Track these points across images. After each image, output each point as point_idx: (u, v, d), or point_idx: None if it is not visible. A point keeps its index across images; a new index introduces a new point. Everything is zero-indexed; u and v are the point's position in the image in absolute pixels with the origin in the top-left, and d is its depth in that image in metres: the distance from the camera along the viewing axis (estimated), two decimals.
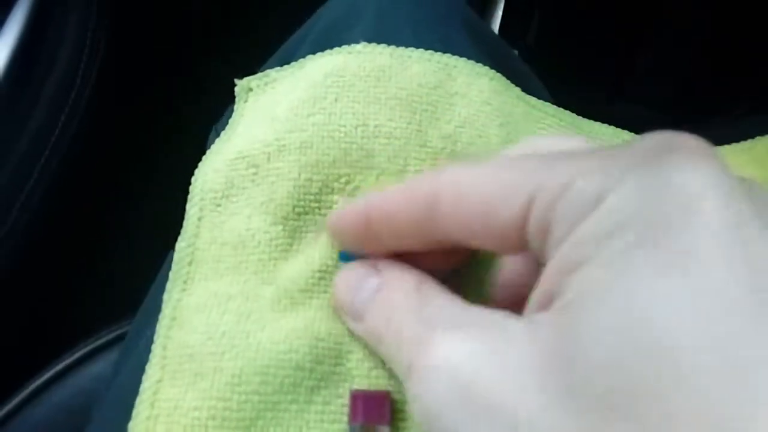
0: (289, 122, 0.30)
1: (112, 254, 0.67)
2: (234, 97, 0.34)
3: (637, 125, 0.36)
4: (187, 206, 0.31)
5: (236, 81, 0.33)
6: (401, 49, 0.32)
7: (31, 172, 0.55)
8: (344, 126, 0.30)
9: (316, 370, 0.25)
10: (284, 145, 0.30)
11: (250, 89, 0.34)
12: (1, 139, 0.53)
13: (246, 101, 0.33)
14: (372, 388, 0.25)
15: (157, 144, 0.72)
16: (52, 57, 0.56)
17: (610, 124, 0.36)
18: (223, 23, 0.87)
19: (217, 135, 0.33)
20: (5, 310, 0.55)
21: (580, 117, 0.35)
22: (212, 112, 0.38)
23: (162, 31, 0.77)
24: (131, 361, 0.30)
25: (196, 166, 0.32)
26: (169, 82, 0.77)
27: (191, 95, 0.73)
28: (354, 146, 0.30)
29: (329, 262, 0.28)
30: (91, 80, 0.59)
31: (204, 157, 0.32)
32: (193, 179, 0.31)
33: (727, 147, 0.36)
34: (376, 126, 0.30)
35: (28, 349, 0.51)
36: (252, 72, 0.35)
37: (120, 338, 0.48)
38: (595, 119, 0.36)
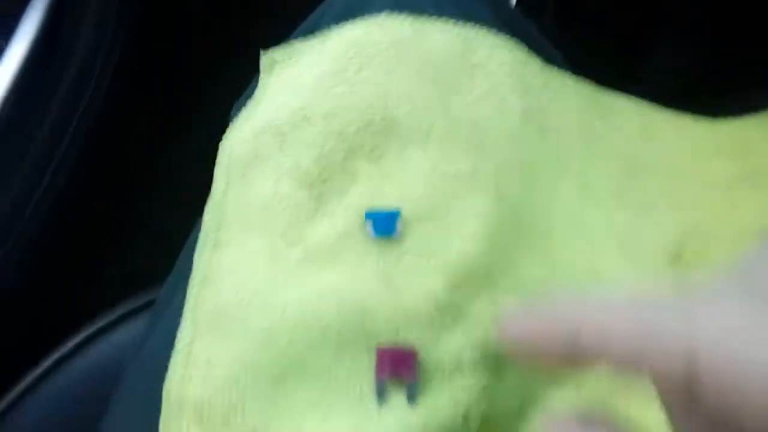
0: (313, 94, 0.31)
1: (132, 238, 0.68)
2: (250, 81, 0.34)
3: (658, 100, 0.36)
4: (215, 173, 0.31)
5: (261, 53, 0.34)
6: (422, 19, 0.32)
7: (51, 158, 0.56)
8: (367, 96, 0.30)
9: (343, 330, 0.26)
10: (309, 116, 0.30)
11: (275, 62, 0.34)
12: (19, 135, 0.54)
13: (271, 74, 0.34)
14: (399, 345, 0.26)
15: (174, 127, 0.72)
16: (68, 54, 0.57)
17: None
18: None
19: (239, 109, 0.34)
20: (27, 282, 0.56)
21: (601, 87, 0.35)
22: (230, 101, 0.37)
23: (170, 32, 0.76)
24: (161, 325, 0.31)
25: (215, 145, 0.32)
26: (183, 79, 0.77)
27: (211, 81, 0.72)
28: (377, 116, 0.30)
29: (353, 225, 0.28)
30: (107, 77, 0.59)
31: (230, 126, 0.33)
32: (220, 147, 0.32)
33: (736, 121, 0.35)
34: (398, 95, 0.30)
35: (43, 329, 0.51)
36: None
37: (138, 310, 0.48)
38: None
